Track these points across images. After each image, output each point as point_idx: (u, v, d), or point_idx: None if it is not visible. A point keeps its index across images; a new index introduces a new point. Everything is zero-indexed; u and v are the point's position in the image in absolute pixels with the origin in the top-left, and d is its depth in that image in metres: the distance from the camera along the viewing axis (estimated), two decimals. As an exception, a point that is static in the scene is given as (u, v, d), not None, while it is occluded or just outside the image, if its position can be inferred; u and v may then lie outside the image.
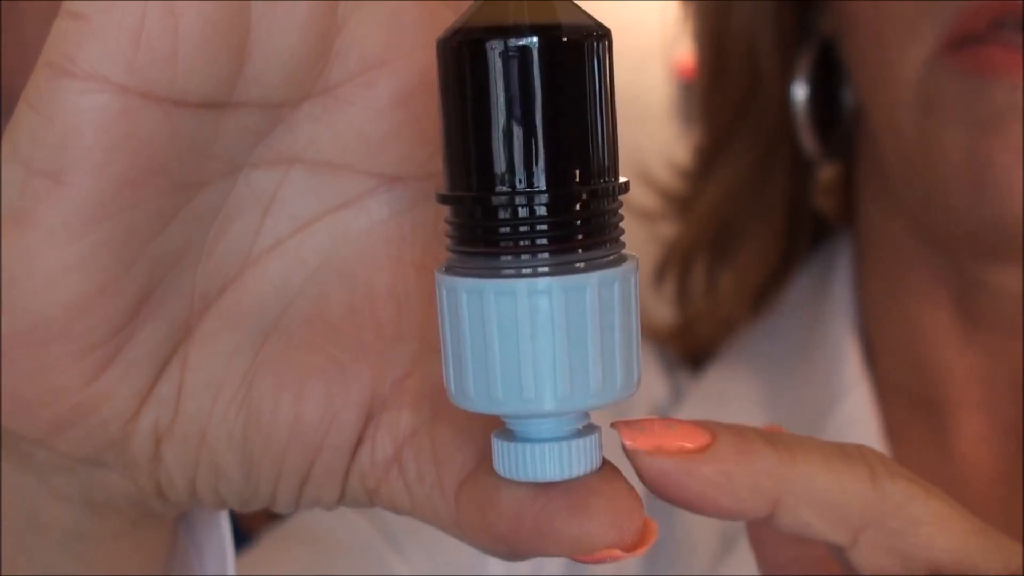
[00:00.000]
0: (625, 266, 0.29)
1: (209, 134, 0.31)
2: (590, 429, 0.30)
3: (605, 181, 0.29)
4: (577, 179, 0.28)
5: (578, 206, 0.29)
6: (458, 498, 0.31)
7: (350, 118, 0.32)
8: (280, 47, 0.30)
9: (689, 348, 0.67)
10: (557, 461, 0.29)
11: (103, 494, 0.33)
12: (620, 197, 0.29)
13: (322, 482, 0.32)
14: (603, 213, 0.29)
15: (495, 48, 0.28)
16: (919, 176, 0.57)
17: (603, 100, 0.29)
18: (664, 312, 0.69)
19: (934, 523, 0.32)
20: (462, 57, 0.28)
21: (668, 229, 0.69)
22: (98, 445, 0.32)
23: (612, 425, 0.30)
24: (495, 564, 0.60)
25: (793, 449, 0.31)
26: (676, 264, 0.68)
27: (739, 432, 0.31)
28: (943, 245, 0.60)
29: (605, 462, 0.30)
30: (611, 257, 0.29)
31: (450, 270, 0.29)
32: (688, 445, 0.31)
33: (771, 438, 0.31)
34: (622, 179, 0.29)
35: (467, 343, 0.29)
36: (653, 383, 0.66)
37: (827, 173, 0.69)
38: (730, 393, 0.66)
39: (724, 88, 0.66)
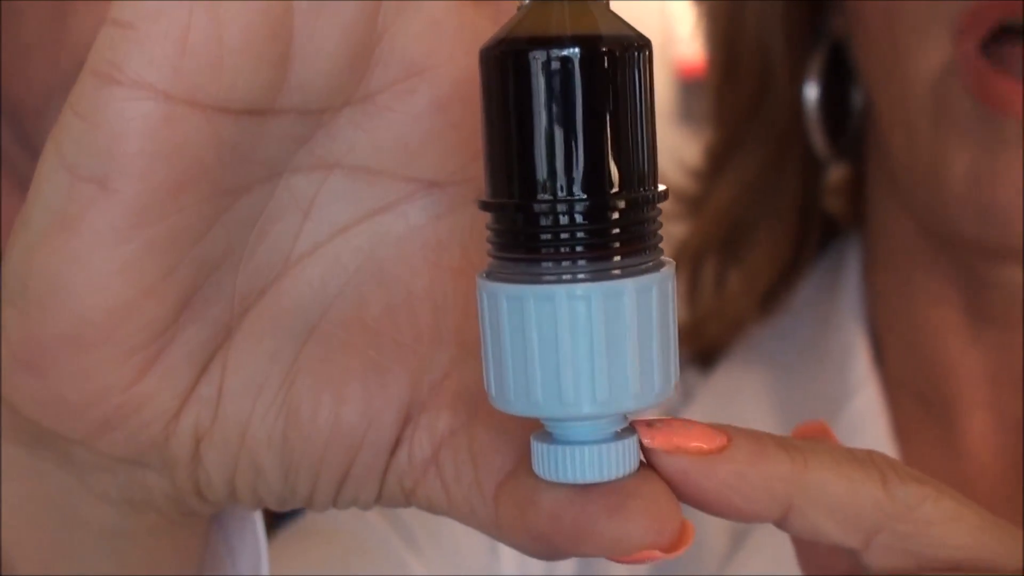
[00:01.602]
0: (663, 272, 0.30)
1: (251, 140, 0.31)
2: (628, 432, 0.30)
3: (645, 189, 0.29)
4: (617, 187, 0.29)
5: (617, 214, 0.29)
6: (497, 499, 0.31)
7: (389, 124, 0.32)
8: (322, 55, 0.31)
9: (698, 347, 0.68)
10: (596, 463, 0.30)
11: (142, 493, 0.33)
12: (659, 205, 0.30)
13: (360, 482, 0.33)
14: (642, 221, 0.29)
15: (538, 58, 0.29)
16: (925, 182, 0.58)
17: (643, 109, 0.29)
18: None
19: (947, 522, 0.32)
20: (505, 67, 0.29)
21: (678, 229, 0.69)
22: (139, 446, 0.32)
23: (630, 424, 0.31)
24: (509, 564, 0.60)
25: (806, 454, 0.32)
26: (686, 263, 0.69)
27: (754, 436, 0.32)
28: (950, 246, 0.61)
29: (642, 464, 0.31)
30: (649, 263, 0.30)
31: (491, 275, 0.30)
32: (705, 446, 0.31)
33: (785, 443, 0.32)
34: (661, 187, 0.30)
35: (507, 347, 0.29)
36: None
37: (837, 174, 0.69)
38: (739, 392, 0.66)
39: (735, 88, 0.66)
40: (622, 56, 0.29)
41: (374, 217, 0.33)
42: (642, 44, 0.29)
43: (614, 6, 0.30)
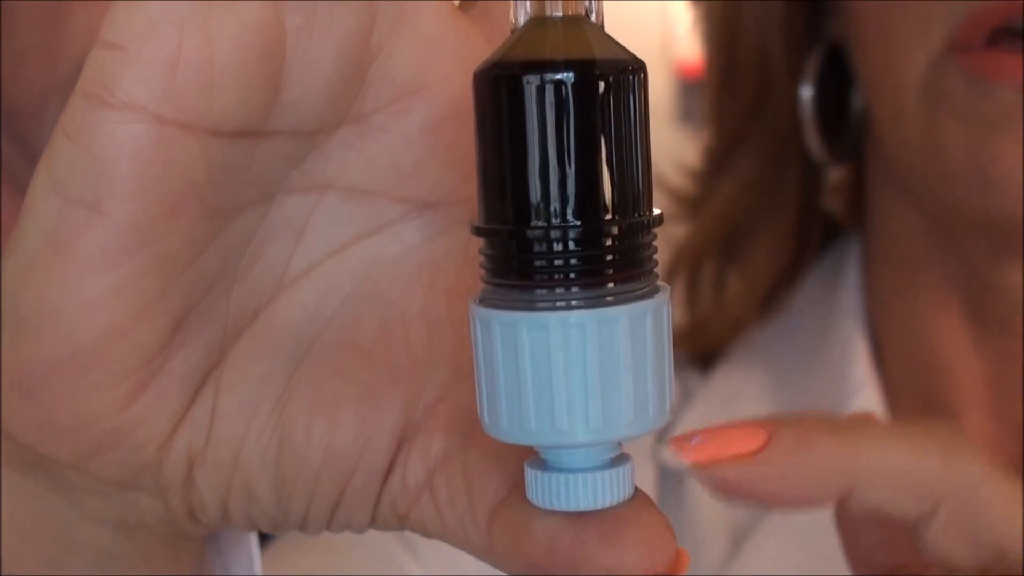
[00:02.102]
0: (657, 298, 0.30)
1: (244, 162, 0.31)
2: (622, 459, 0.30)
3: (639, 215, 0.29)
4: (611, 213, 0.29)
5: (611, 241, 0.29)
6: (490, 525, 0.31)
7: (383, 145, 0.32)
8: (315, 76, 0.30)
9: (698, 348, 0.68)
10: (590, 491, 0.30)
11: (135, 516, 0.33)
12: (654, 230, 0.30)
13: (354, 506, 0.33)
14: (636, 247, 0.29)
15: (532, 82, 0.28)
16: (924, 171, 0.58)
17: (638, 134, 0.29)
18: (674, 313, 0.69)
19: (1007, 507, 0.32)
20: (498, 91, 0.29)
21: (678, 230, 0.69)
22: (132, 469, 0.32)
23: (665, 443, 0.31)
24: None
25: (858, 433, 0.32)
26: (686, 265, 0.68)
27: (797, 426, 0.32)
28: (953, 242, 0.61)
29: (637, 491, 0.30)
30: (644, 289, 0.29)
31: (484, 301, 0.30)
32: (744, 448, 0.31)
33: (833, 427, 0.32)
34: (656, 211, 0.30)
35: (500, 374, 0.29)
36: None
37: (837, 174, 0.69)
38: (738, 393, 0.66)
39: (734, 90, 0.66)
40: (617, 80, 0.29)
41: (368, 238, 0.33)
42: (637, 67, 0.29)
43: (614, 6, 0.30)
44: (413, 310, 0.33)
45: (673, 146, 0.71)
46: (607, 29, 0.30)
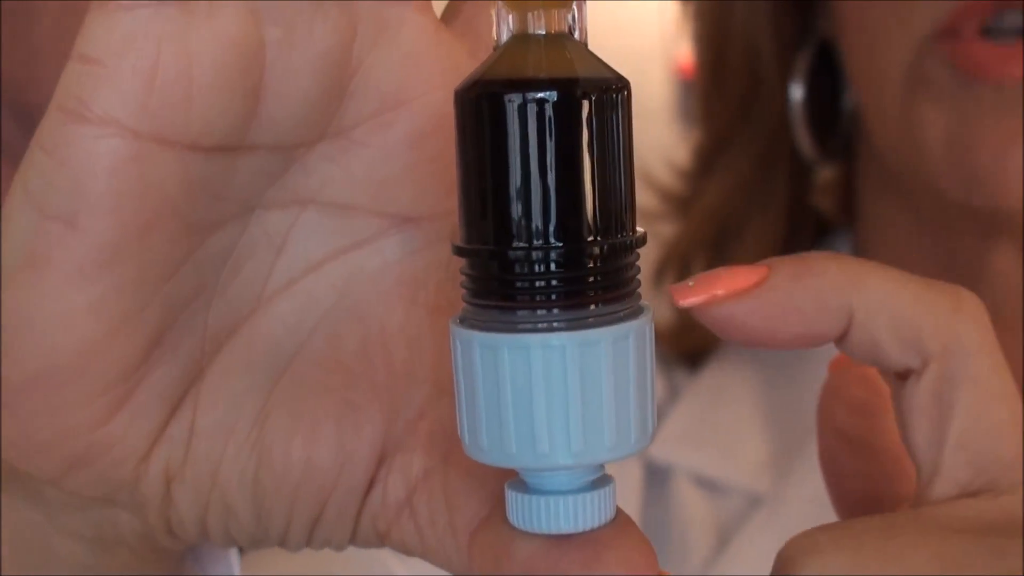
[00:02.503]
0: (639, 320, 0.29)
1: (223, 176, 0.30)
2: (604, 480, 0.30)
3: (622, 235, 0.29)
4: (593, 234, 0.28)
5: (593, 262, 0.28)
6: (471, 545, 0.31)
7: (364, 159, 0.32)
8: (295, 90, 0.30)
9: (687, 347, 0.68)
10: (571, 514, 0.29)
11: (113, 531, 0.33)
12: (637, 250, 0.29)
13: (333, 524, 0.33)
14: (619, 268, 0.29)
15: (513, 101, 0.28)
16: (905, 160, 0.58)
17: (621, 153, 0.29)
18: (663, 312, 0.69)
19: (992, 402, 0.30)
20: (480, 109, 0.28)
21: (667, 229, 0.69)
22: (109, 485, 0.32)
23: (667, 290, 0.30)
24: None
25: (864, 266, 0.30)
26: (675, 264, 0.68)
27: (798, 258, 0.30)
28: (942, 237, 0.60)
29: (619, 513, 0.30)
30: (626, 311, 0.29)
31: (464, 322, 0.29)
32: (742, 284, 0.30)
33: (839, 257, 0.30)
34: (639, 231, 0.29)
35: (480, 396, 0.29)
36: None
37: (827, 173, 0.69)
38: (726, 391, 0.66)
39: (724, 89, 0.66)
40: (600, 99, 0.28)
41: (348, 253, 0.33)
42: (620, 86, 0.29)
43: (614, 4, 0.29)
44: (394, 325, 0.33)
45: (672, 145, 0.70)
46: (606, 30, 0.29)
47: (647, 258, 0.68)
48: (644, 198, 0.69)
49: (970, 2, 0.54)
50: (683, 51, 0.68)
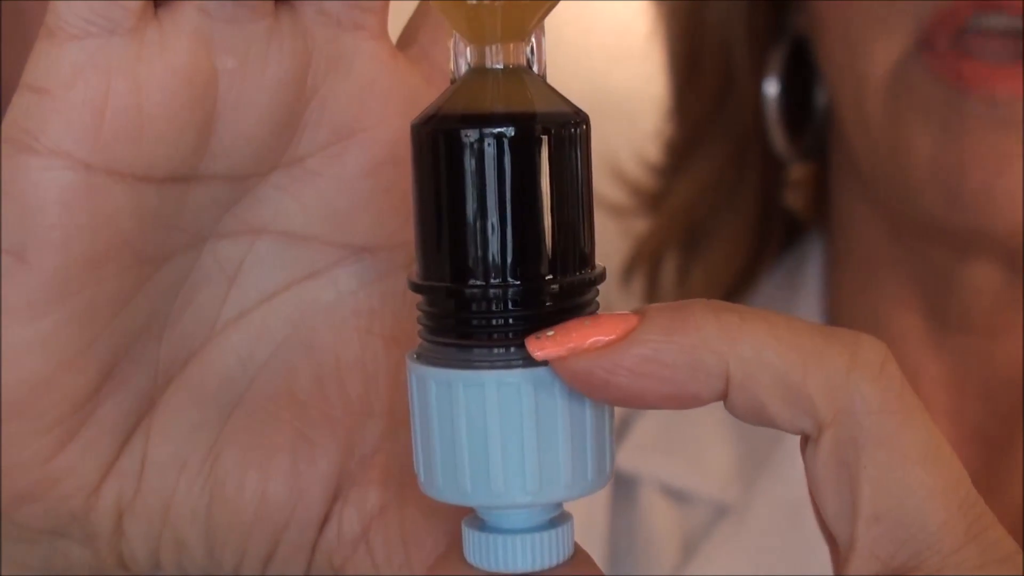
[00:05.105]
0: None
1: (174, 207, 0.30)
2: (562, 519, 0.29)
3: (581, 272, 0.28)
4: (551, 272, 0.28)
5: (551, 300, 0.28)
6: None
7: (318, 189, 0.31)
8: (248, 120, 0.29)
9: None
10: (529, 553, 0.29)
11: (63, 564, 0.32)
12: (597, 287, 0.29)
13: (288, 558, 0.32)
14: (576, 307, 0.28)
15: (470, 136, 0.27)
16: (889, 176, 0.57)
17: (580, 189, 0.28)
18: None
19: (917, 465, 0.26)
20: (436, 145, 0.28)
21: (639, 225, 0.68)
22: (59, 519, 0.31)
23: (525, 341, 0.27)
24: None
25: (745, 316, 0.27)
26: (645, 261, 0.68)
27: (672, 307, 0.27)
28: (915, 242, 0.60)
29: (578, 550, 0.30)
30: (584, 348, 0.29)
31: (421, 357, 0.29)
32: (606, 337, 0.27)
33: (721, 306, 0.27)
34: (598, 267, 0.29)
35: (436, 433, 0.28)
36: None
37: (800, 171, 0.68)
38: None
39: (697, 85, 0.65)
40: (558, 133, 0.28)
41: (303, 284, 0.32)
42: (578, 120, 0.28)
43: (615, 8, 0.29)
44: (349, 357, 0.32)
45: (645, 141, 0.70)
46: (606, 26, 0.29)
47: (617, 255, 0.68)
48: (615, 193, 0.68)
49: (946, 5, 0.53)
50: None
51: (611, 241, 0.68)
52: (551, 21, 0.29)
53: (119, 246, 0.29)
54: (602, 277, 0.29)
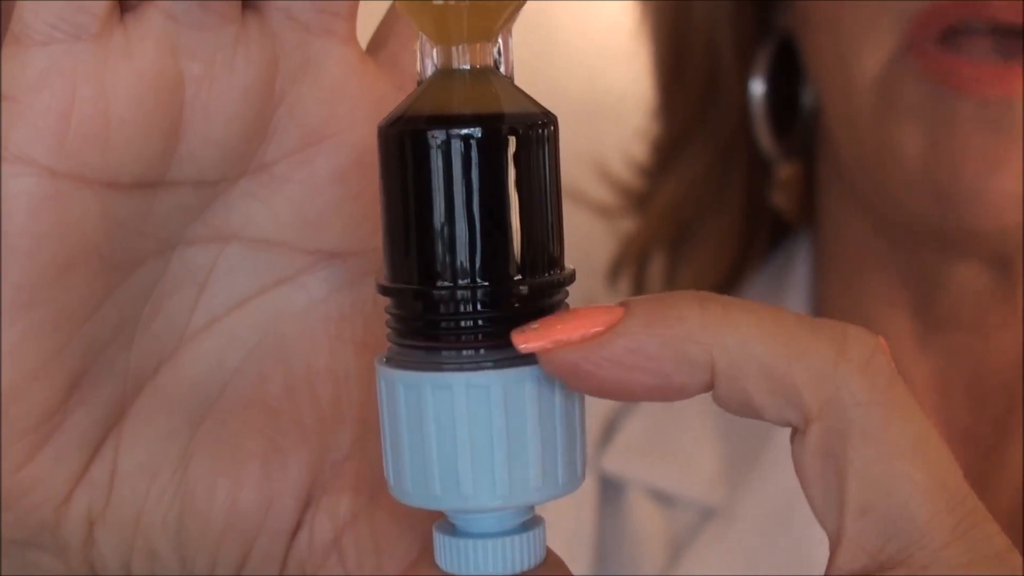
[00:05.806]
0: None
1: (142, 214, 0.30)
2: (534, 522, 0.29)
3: (550, 274, 0.28)
4: (520, 273, 0.28)
5: (519, 301, 0.28)
6: None
7: (287, 195, 0.31)
8: (216, 125, 0.29)
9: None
10: (500, 557, 0.29)
11: (35, 573, 0.32)
12: (567, 287, 0.29)
13: (260, 566, 0.32)
14: (545, 308, 0.28)
15: (436, 138, 0.27)
16: (877, 176, 0.57)
17: (548, 190, 0.28)
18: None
19: (905, 457, 0.26)
20: (403, 146, 0.27)
21: (626, 225, 0.68)
22: (29, 529, 0.31)
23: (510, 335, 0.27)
24: None
25: (730, 309, 0.26)
26: (632, 261, 0.67)
27: (657, 299, 0.27)
28: (903, 241, 0.60)
29: (550, 554, 0.30)
30: (553, 349, 0.28)
31: (389, 361, 0.29)
32: (591, 329, 0.27)
33: (707, 299, 0.27)
34: (568, 268, 0.29)
35: (405, 437, 0.28)
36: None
37: (787, 171, 0.68)
38: (679, 402, 0.65)
39: (683, 85, 0.65)
40: (525, 134, 0.28)
41: (273, 290, 0.32)
42: (546, 121, 0.28)
43: (601, 8, 0.29)
44: (319, 364, 0.32)
45: (632, 141, 0.70)
46: (593, 26, 0.29)
47: (604, 255, 0.68)
48: (601, 193, 0.68)
49: (933, 4, 0.53)
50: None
51: (598, 241, 0.67)
52: (538, 21, 0.29)
53: (87, 253, 0.29)
54: (571, 278, 0.29)
